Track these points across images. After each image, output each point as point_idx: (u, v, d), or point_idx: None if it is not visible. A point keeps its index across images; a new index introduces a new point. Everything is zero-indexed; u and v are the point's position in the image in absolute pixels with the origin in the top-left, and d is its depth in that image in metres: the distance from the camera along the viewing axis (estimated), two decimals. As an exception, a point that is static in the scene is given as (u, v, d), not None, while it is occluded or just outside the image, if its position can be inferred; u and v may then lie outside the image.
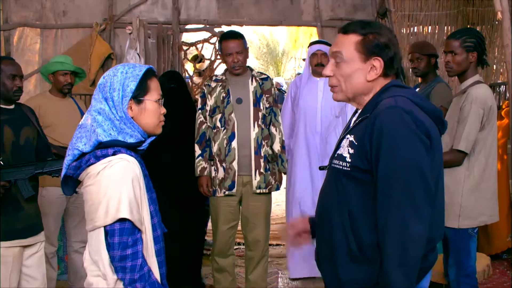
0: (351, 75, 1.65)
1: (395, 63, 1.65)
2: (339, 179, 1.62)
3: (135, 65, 1.74)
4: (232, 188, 3.37)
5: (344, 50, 1.65)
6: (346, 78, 1.66)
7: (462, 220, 2.73)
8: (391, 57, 1.64)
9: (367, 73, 1.64)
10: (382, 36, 1.63)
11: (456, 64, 2.81)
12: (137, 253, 1.61)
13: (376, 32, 1.64)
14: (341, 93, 1.69)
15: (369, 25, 1.67)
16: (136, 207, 1.62)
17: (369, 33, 1.63)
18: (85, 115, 1.73)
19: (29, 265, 2.76)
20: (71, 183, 1.77)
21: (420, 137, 1.52)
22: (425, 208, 1.50)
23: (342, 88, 1.68)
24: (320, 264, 1.74)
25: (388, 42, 1.63)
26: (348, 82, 1.66)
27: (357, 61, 1.64)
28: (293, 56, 17.37)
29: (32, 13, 5.37)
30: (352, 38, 1.65)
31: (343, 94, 1.69)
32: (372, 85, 1.65)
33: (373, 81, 1.65)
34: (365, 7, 5.45)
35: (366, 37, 1.63)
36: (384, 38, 1.63)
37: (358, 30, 1.65)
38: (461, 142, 2.69)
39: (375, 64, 1.63)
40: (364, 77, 1.64)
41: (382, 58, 1.63)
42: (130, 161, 1.65)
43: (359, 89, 1.66)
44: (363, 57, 1.63)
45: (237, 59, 3.37)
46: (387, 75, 1.66)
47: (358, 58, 1.64)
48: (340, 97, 1.71)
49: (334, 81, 1.69)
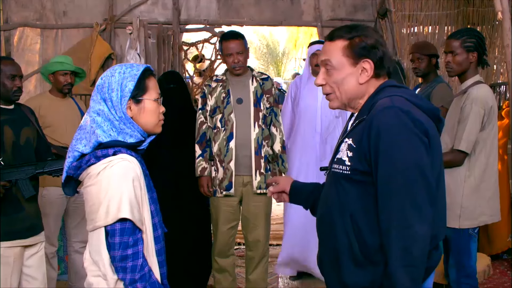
0: (343, 81, 1.65)
1: (385, 62, 1.65)
2: (340, 183, 1.62)
3: (133, 65, 1.74)
4: (230, 189, 3.37)
5: (332, 57, 1.65)
6: (339, 85, 1.66)
7: (463, 220, 2.73)
8: (380, 57, 1.63)
9: (358, 77, 1.64)
10: (368, 37, 1.63)
11: (457, 64, 2.80)
12: (138, 253, 1.61)
13: (362, 34, 1.64)
14: (336, 100, 1.69)
15: (355, 28, 1.66)
16: (137, 207, 1.62)
17: (355, 36, 1.64)
18: (85, 116, 1.73)
19: (29, 265, 2.76)
20: (72, 183, 1.76)
21: (418, 136, 1.52)
22: (427, 207, 1.50)
23: (336, 95, 1.68)
24: (322, 268, 1.73)
25: (375, 43, 1.63)
26: (341, 88, 1.66)
27: (347, 66, 1.64)
28: (293, 56, 17.35)
29: (33, 13, 5.37)
30: (339, 44, 1.65)
31: (339, 101, 1.69)
32: (365, 87, 1.65)
33: (365, 84, 1.65)
34: (365, 7, 5.45)
35: (353, 41, 1.63)
36: (371, 39, 1.63)
37: (343, 35, 1.65)
38: (461, 143, 2.69)
39: (365, 66, 1.63)
40: (356, 80, 1.64)
41: (371, 59, 1.62)
42: (130, 161, 1.65)
43: (353, 93, 1.66)
44: (351, 61, 1.63)
45: (237, 59, 3.37)
46: (379, 76, 1.66)
47: (347, 63, 1.64)
48: (336, 105, 1.71)
49: (328, 89, 1.69)
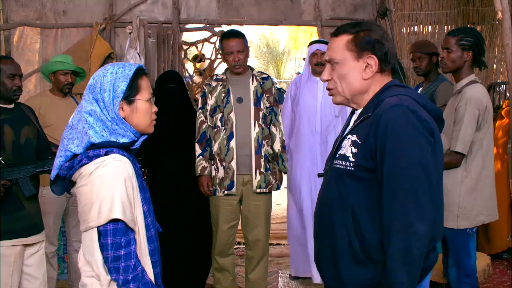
0: (346, 75, 1.64)
1: (389, 58, 1.64)
2: (342, 179, 1.60)
3: (125, 65, 1.72)
4: (231, 188, 3.37)
5: (336, 52, 1.65)
6: (342, 79, 1.65)
7: (461, 221, 2.72)
8: (385, 52, 1.63)
9: (362, 72, 1.63)
10: (373, 32, 1.63)
11: (450, 61, 2.81)
12: (131, 253, 1.60)
13: (367, 29, 1.64)
14: (339, 95, 1.68)
15: (359, 24, 1.67)
16: (129, 207, 1.62)
17: (359, 31, 1.63)
18: (74, 115, 1.70)
19: (30, 264, 2.76)
20: (61, 182, 1.75)
21: (425, 136, 1.52)
22: (429, 208, 1.50)
23: (338, 89, 1.67)
24: (320, 265, 1.73)
25: (379, 38, 1.63)
26: (344, 82, 1.65)
27: (350, 60, 1.63)
28: (293, 55, 17.35)
29: (32, 12, 5.36)
30: (343, 38, 1.65)
31: (341, 96, 1.68)
32: (369, 83, 1.64)
33: (370, 79, 1.64)
34: (365, 7, 5.44)
35: (357, 35, 1.63)
36: (376, 34, 1.63)
37: (348, 30, 1.65)
38: (457, 144, 2.69)
39: (370, 62, 1.62)
40: (360, 75, 1.63)
41: (376, 54, 1.62)
42: (122, 161, 1.64)
43: (357, 88, 1.65)
44: (355, 55, 1.63)
45: (238, 58, 3.37)
46: (383, 71, 1.65)
47: (351, 57, 1.63)
48: (338, 100, 1.70)
49: (332, 84, 1.69)
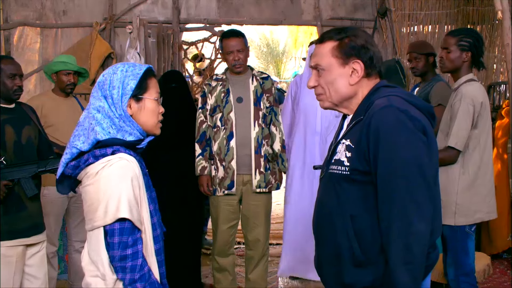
0: (333, 82, 1.66)
1: (375, 62, 1.66)
2: (339, 184, 1.62)
3: (135, 64, 1.75)
4: (231, 188, 3.37)
5: (322, 58, 1.67)
6: (329, 85, 1.67)
7: (458, 217, 2.73)
8: (370, 56, 1.64)
9: (349, 78, 1.65)
10: (358, 38, 1.65)
11: (449, 61, 2.82)
12: (137, 253, 1.61)
13: (352, 35, 1.65)
14: (327, 100, 1.70)
15: (344, 30, 1.68)
16: (136, 206, 1.62)
17: (344, 37, 1.65)
18: (84, 113, 1.72)
19: (31, 264, 2.76)
20: (67, 182, 1.76)
21: (417, 134, 1.53)
22: (427, 205, 1.50)
23: (327, 95, 1.69)
24: (321, 269, 1.73)
25: (364, 43, 1.64)
26: (332, 88, 1.67)
27: (336, 66, 1.65)
28: (293, 55, 17.35)
29: (32, 12, 5.36)
30: (329, 45, 1.66)
31: (329, 101, 1.70)
32: (356, 88, 1.66)
33: (356, 84, 1.65)
34: (365, 7, 5.44)
35: (342, 41, 1.64)
36: (361, 40, 1.64)
37: (333, 36, 1.66)
38: (451, 138, 2.70)
39: (356, 67, 1.64)
40: (347, 81, 1.65)
41: (361, 59, 1.63)
42: (129, 160, 1.65)
43: (344, 94, 1.66)
44: (341, 62, 1.64)
45: (238, 57, 3.37)
46: (370, 75, 1.66)
47: (336, 63, 1.65)
48: (326, 105, 1.72)
49: (320, 89, 1.70)
